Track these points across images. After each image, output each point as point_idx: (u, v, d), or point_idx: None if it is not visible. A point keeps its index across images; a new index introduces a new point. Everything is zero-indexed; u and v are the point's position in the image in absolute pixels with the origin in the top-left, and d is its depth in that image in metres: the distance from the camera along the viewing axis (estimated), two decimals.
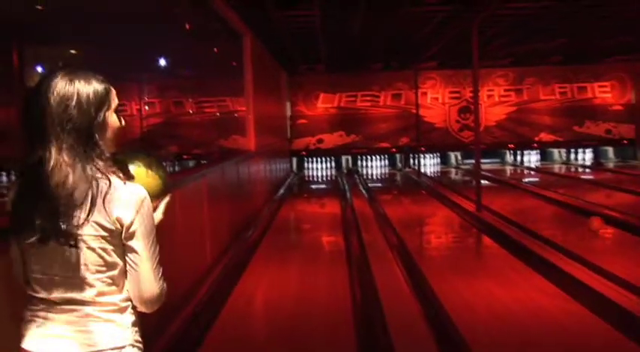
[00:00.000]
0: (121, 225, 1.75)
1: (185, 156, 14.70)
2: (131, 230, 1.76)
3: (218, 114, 11.44)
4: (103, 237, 1.74)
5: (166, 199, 1.99)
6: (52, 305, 1.76)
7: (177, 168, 13.95)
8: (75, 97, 1.73)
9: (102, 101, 1.79)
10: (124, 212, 1.74)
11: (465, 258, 7.60)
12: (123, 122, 1.87)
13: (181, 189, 5.41)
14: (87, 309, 1.75)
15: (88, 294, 1.75)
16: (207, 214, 6.64)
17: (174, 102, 16.07)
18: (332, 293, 5.94)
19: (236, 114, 11.56)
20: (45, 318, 1.76)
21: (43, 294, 1.76)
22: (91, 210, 1.71)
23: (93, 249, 1.74)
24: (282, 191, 14.46)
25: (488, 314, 5.06)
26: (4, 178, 13.73)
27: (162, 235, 1.91)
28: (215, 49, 10.44)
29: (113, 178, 1.75)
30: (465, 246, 8.75)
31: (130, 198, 1.75)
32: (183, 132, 15.55)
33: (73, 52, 10.71)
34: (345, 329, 4.83)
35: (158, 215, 1.93)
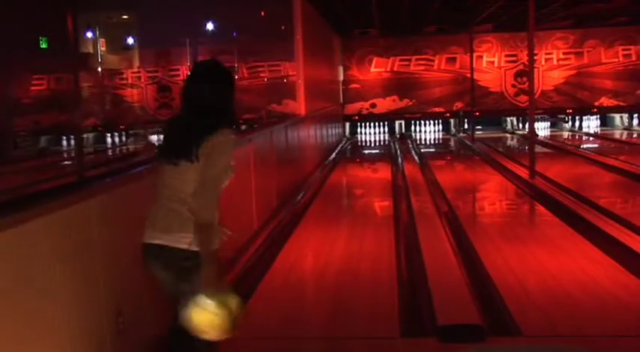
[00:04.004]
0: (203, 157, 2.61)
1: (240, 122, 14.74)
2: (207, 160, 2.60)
3: (266, 79, 11.41)
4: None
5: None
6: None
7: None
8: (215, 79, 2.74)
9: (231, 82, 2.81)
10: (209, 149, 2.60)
11: (515, 226, 7.44)
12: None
13: None
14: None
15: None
16: (254, 179, 6.66)
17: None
18: (378, 257, 5.91)
19: (285, 80, 11.51)
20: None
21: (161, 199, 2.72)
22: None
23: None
24: (333, 155, 14.43)
25: (536, 284, 4.94)
26: (65, 143, 14.13)
27: None
28: (264, 13, 10.37)
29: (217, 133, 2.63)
30: (516, 214, 8.57)
31: (215, 142, 2.59)
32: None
33: (124, 17, 10.86)
34: (389, 294, 4.79)
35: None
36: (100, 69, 13.56)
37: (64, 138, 14.04)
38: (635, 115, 19.51)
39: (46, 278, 2.67)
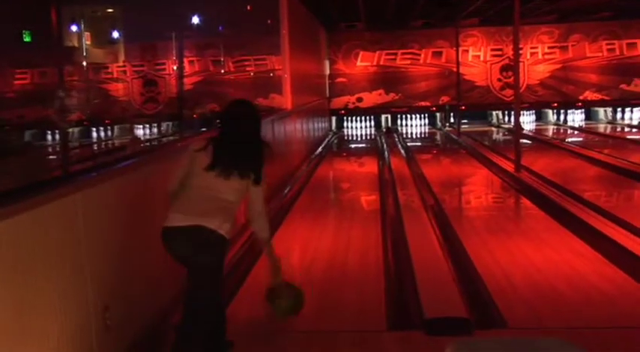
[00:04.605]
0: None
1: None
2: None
3: (252, 73, 11.39)
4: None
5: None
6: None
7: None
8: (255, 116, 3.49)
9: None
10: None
11: (501, 219, 7.47)
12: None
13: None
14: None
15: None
16: None
17: (213, 61, 16.04)
18: (365, 251, 5.93)
19: (272, 74, 11.49)
20: None
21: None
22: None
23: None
24: (320, 149, 14.42)
25: (522, 278, 4.97)
26: (49, 137, 14.03)
27: None
28: (250, 7, 10.34)
29: None
30: (502, 207, 8.62)
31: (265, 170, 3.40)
32: (221, 90, 15.54)
33: (109, 10, 10.78)
34: (376, 287, 4.81)
35: None
36: (84, 63, 13.47)
37: (49, 132, 13.95)
38: (619, 109, 19.66)
39: (31, 273, 2.65)
